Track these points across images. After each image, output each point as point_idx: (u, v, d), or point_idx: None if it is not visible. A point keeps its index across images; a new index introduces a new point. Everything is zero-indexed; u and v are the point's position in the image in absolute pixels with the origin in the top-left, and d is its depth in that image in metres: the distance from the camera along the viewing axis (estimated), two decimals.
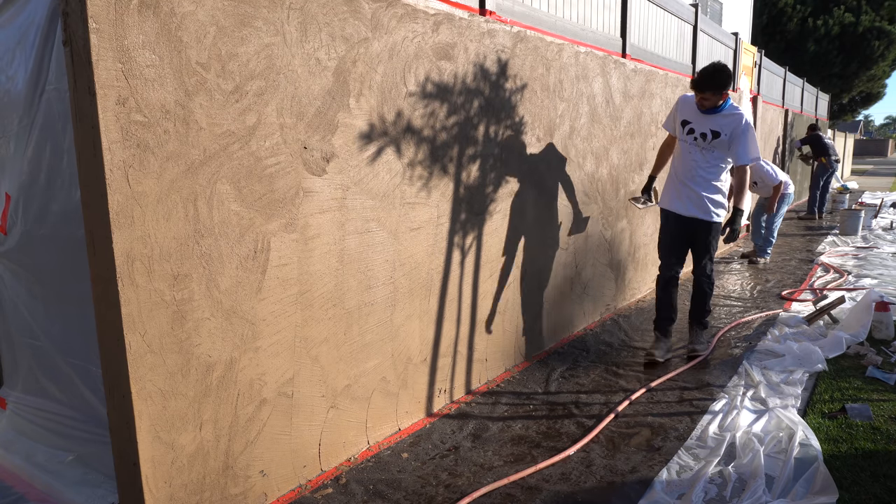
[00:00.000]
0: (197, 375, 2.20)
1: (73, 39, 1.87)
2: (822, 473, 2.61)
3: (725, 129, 3.85)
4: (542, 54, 3.93)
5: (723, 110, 3.88)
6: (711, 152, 3.92)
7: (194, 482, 2.24)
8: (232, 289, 2.29)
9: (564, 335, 4.56)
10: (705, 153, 3.93)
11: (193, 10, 2.06)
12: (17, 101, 2.38)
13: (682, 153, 4.03)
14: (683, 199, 4.04)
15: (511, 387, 3.73)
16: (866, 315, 4.46)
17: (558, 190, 4.27)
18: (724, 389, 3.63)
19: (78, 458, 2.56)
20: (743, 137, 3.83)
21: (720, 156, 3.93)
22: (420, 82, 3.02)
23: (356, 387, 2.87)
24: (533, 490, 2.64)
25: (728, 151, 3.89)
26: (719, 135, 3.86)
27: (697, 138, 3.92)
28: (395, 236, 2.99)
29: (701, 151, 3.94)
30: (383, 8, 2.77)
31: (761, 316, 5.14)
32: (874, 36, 20.24)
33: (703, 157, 3.94)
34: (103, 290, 2.02)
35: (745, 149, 3.86)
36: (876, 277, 6.40)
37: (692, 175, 3.98)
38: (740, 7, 14.68)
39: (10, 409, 2.93)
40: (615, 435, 3.13)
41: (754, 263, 7.34)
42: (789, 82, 12.79)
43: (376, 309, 2.93)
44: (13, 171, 2.52)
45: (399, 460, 2.88)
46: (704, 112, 3.88)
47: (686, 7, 6.76)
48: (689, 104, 3.97)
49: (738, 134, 3.83)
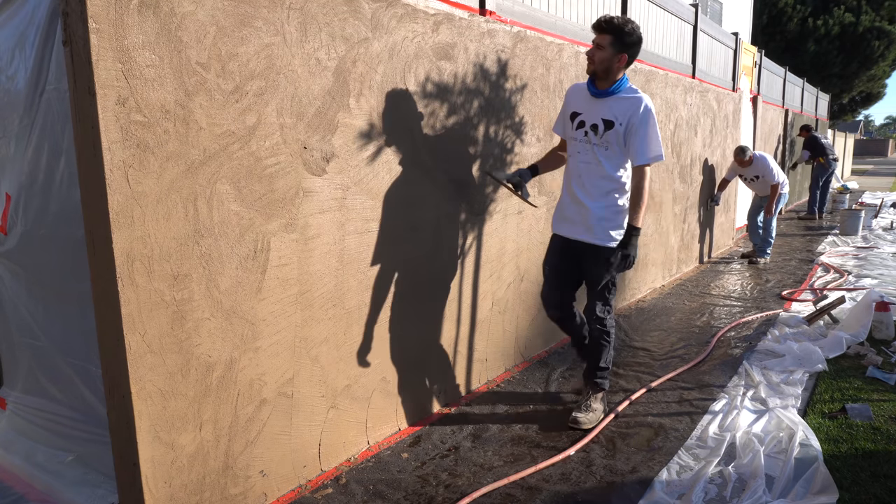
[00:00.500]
0: (197, 375, 2.20)
1: (73, 39, 1.87)
2: (822, 473, 2.61)
3: (620, 116, 2.98)
4: (542, 54, 3.93)
5: (618, 92, 3.00)
6: (606, 150, 3.02)
7: (194, 482, 2.24)
8: (232, 289, 2.29)
9: (564, 335, 4.56)
10: (599, 152, 3.03)
11: (193, 10, 2.06)
12: (17, 101, 2.38)
13: (571, 157, 3.16)
14: (571, 218, 3.16)
15: (511, 387, 3.73)
16: (866, 315, 4.46)
17: (558, 190, 4.27)
18: (724, 389, 3.63)
19: (78, 458, 2.56)
20: (641, 128, 2.96)
21: (619, 155, 3.04)
22: (420, 82, 3.02)
23: (356, 387, 2.87)
24: (533, 490, 2.64)
25: (625, 148, 3.03)
26: (612, 124, 2.98)
27: (588, 132, 3.04)
28: (396, 236, 2.98)
29: (593, 150, 3.04)
30: (383, 8, 2.77)
31: (761, 316, 5.14)
32: (874, 36, 20.24)
33: (596, 157, 3.03)
34: (103, 290, 2.02)
35: (644, 143, 2.97)
36: (876, 277, 6.40)
37: (582, 183, 3.08)
38: (740, 7, 14.68)
39: (10, 409, 2.93)
40: (615, 435, 3.13)
41: (754, 263, 7.34)
42: (789, 82, 12.79)
43: (376, 309, 2.92)
44: (13, 171, 2.52)
45: (399, 460, 2.88)
46: (596, 94, 3.02)
47: (686, 7, 6.76)
48: (580, 91, 3.14)
49: (636, 123, 2.96)
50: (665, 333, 4.75)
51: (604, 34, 2.89)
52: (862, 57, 20.49)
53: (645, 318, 5.16)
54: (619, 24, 2.88)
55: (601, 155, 3.02)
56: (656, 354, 4.29)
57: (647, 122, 2.96)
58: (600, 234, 3.07)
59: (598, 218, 3.06)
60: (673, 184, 6.29)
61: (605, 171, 3.03)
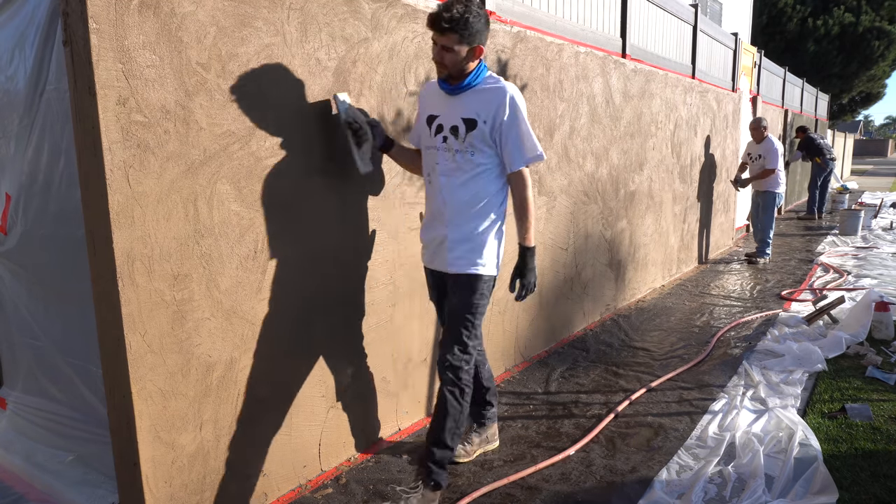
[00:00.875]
0: (197, 375, 2.20)
1: (73, 39, 1.87)
2: (822, 473, 2.61)
3: (483, 112, 2.43)
4: (542, 54, 3.93)
5: (476, 83, 2.46)
6: (472, 156, 2.46)
7: (194, 482, 2.24)
8: (232, 289, 2.29)
9: (564, 335, 4.57)
10: (462, 160, 2.47)
11: (194, 11, 2.06)
12: (17, 101, 2.38)
13: (430, 172, 2.57)
14: (429, 244, 2.63)
15: (511, 387, 3.73)
16: (866, 315, 4.47)
17: (558, 190, 4.27)
18: (723, 389, 3.63)
19: (78, 458, 2.56)
20: (512, 125, 2.43)
21: (488, 160, 2.47)
22: (420, 82, 3.02)
23: (356, 386, 2.87)
24: (533, 490, 2.64)
25: (496, 150, 2.48)
26: (475, 123, 2.43)
27: (448, 137, 2.48)
28: (395, 236, 2.99)
29: (455, 158, 2.48)
30: (383, 8, 2.78)
31: (761, 316, 5.14)
32: (874, 36, 20.25)
33: (461, 166, 2.47)
34: (103, 290, 2.02)
35: (518, 143, 2.44)
36: (876, 277, 6.41)
37: (444, 200, 2.51)
38: (740, 7, 14.68)
39: (10, 409, 2.93)
40: (615, 435, 3.13)
41: (754, 263, 7.34)
42: (789, 82, 12.79)
43: (376, 309, 2.93)
44: (13, 171, 2.52)
45: (399, 460, 2.88)
46: (450, 91, 2.47)
47: (686, 7, 6.76)
48: (433, 90, 2.58)
49: (504, 120, 2.42)
50: (665, 333, 4.75)
51: (449, 34, 2.34)
52: (862, 57, 20.49)
53: (645, 318, 5.16)
54: (463, 17, 2.32)
55: (466, 163, 2.46)
56: (656, 354, 4.29)
57: (517, 117, 2.43)
58: (457, 259, 2.50)
59: (455, 240, 2.50)
60: (673, 184, 6.29)
61: (472, 183, 2.48)
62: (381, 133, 2.64)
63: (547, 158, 4.08)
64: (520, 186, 2.50)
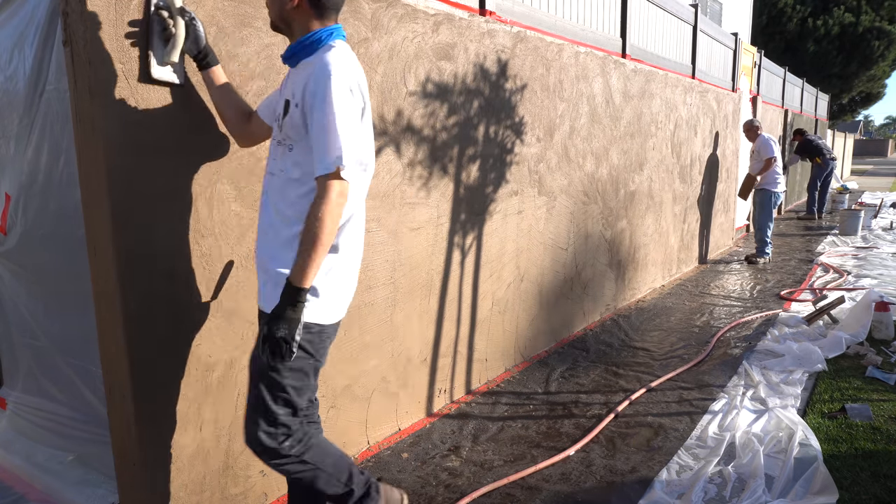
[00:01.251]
0: (197, 375, 2.20)
1: (72, 39, 1.87)
2: (822, 473, 2.61)
3: (297, 91, 1.81)
4: (542, 54, 3.93)
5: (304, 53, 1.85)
6: (290, 151, 1.86)
7: (194, 482, 2.24)
8: (232, 289, 2.29)
9: (564, 335, 4.57)
10: (282, 155, 1.89)
11: (193, 11, 2.06)
12: (17, 101, 2.38)
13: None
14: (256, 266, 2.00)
15: (511, 387, 3.73)
16: (866, 315, 4.47)
17: (558, 190, 4.27)
18: (723, 389, 3.63)
19: (78, 458, 2.56)
20: (318, 108, 1.73)
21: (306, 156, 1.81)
22: (420, 82, 3.02)
23: (356, 387, 2.87)
24: (533, 490, 2.64)
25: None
26: (289, 106, 1.85)
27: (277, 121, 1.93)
28: (395, 236, 2.99)
29: (276, 149, 1.92)
30: (383, 8, 2.77)
31: (761, 316, 5.14)
32: (874, 36, 20.25)
33: (280, 164, 1.89)
34: (103, 290, 2.02)
35: (323, 137, 1.72)
36: (876, 277, 6.41)
37: (266, 209, 1.93)
38: (740, 7, 14.68)
39: (10, 409, 2.93)
40: (615, 435, 3.13)
41: (754, 263, 7.34)
42: (789, 82, 12.79)
43: (376, 309, 2.93)
44: (13, 171, 2.52)
45: (399, 460, 2.88)
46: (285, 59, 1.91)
47: (686, 7, 6.76)
48: None
49: (311, 101, 1.75)
50: (665, 333, 4.75)
51: None
52: (862, 57, 20.50)
53: (645, 318, 5.16)
54: None
55: (285, 159, 1.86)
56: (656, 354, 4.29)
57: (326, 99, 1.72)
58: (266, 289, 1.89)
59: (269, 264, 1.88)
60: (673, 184, 6.29)
61: (292, 186, 1.85)
62: (200, 36, 1.96)
63: (547, 158, 4.08)
64: (318, 201, 1.71)
